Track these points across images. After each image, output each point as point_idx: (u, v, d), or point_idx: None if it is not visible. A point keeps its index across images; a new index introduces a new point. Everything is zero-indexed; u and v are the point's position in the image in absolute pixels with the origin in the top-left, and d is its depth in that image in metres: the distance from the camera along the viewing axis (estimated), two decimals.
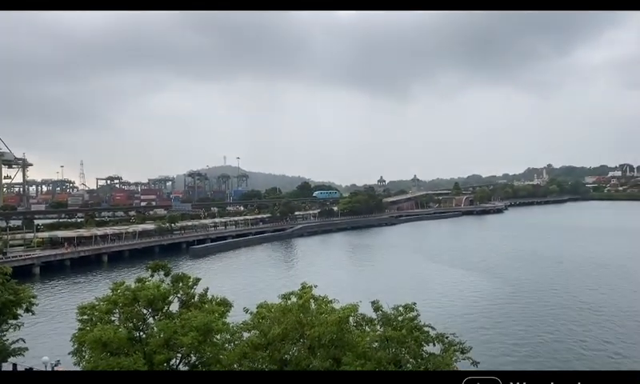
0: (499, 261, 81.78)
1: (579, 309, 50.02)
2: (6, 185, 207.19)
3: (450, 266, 77.97)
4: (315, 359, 19.37)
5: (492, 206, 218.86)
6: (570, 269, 72.28)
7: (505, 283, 63.24)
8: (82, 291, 66.33)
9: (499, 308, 50.97)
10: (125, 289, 21.53)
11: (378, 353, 17.79)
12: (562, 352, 36.61)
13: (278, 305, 22.54)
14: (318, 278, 28.08)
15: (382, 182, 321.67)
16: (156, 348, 18.56)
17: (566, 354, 35.99)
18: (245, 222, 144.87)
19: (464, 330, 33.41)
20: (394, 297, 23.01)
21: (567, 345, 38.77)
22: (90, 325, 21.02)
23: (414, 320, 19.48)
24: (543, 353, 36.46)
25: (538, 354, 36.19)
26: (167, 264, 23.96)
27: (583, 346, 38.19)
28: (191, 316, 19.17)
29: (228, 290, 52.98)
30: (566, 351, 36.83)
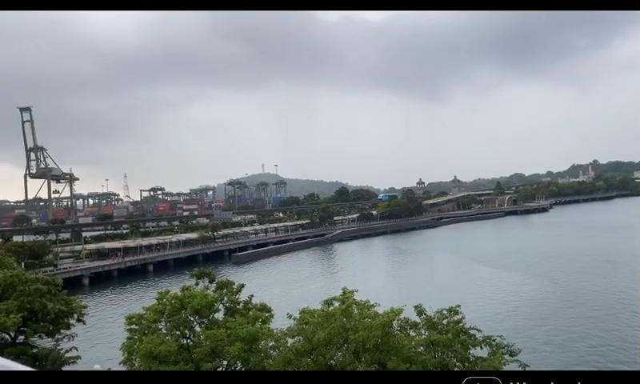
0: (542, 261, 79.36)
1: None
2: (55, 199, 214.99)
3: (494, 268, 76.17)
4: (360, 364, 19.25)
5: (536, 205, 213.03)
6: (619, 268, 69.36)
7: (551, 285, 61.32)
8: (130, 300, 68.05)
9: (544, 310, 49.36)
10: (171, 297, 21.94)
11: (423, 357, 17.54)
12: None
13: (321, 310, 22.53)
14: (359, 283, 28.04)
15: (421, 184, 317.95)
16: (203, 356, 18.83)
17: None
18: (285, 228, 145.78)
19: (510, 334, 32.64)
20: (436, 300, 22.70)
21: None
22: (139, 334, 21.51)
23: (460, 323, 19.14)
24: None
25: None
26: (212, 271, 24.27)
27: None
28: (237, 325, 19.32)
29: (271, 295, 53.44)
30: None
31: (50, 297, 30.36)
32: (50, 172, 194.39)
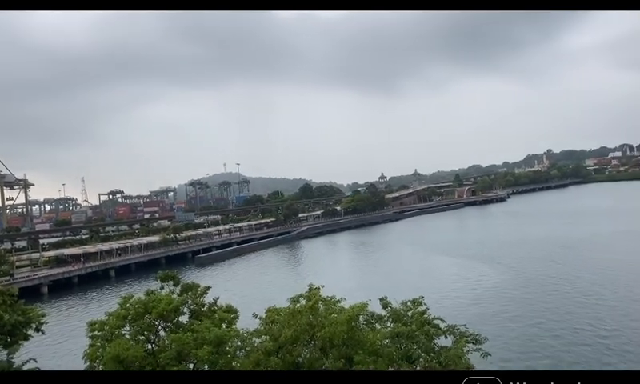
0: (501, 249, 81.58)
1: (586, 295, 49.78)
2: (9, 206, 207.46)
3: (455, 258, 77.86)
4: (327, 360, 19.42)
5: (494, 196, 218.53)
6: (575, 253, 72.01)
7: (510, 272, 63.12)
8: (92, 307, 66.49)
9: (504, 297, 50.82)
10: (135, 302, 21.55)
11: (389, 350, 17.82)
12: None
13: (287, 308, 22.58)
14: (325, 279, 28.12)
15: (383, 179, 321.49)
16: (169, 360, 18.59)
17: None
18: (249, 227, 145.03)
19: (474, 322, 33.52)
20: (401, 292, 23.05)
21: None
22: (101, 340, 21.05)
23: (424, 314, 19.51)
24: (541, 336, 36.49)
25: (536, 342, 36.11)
26: (176, 274, 23.95)
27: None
28: (203, 328, 19.16)
29: (236, 296, 53.09)
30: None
31: (5, 307, 29.33)
32: (2, 178, 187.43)
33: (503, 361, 29.63)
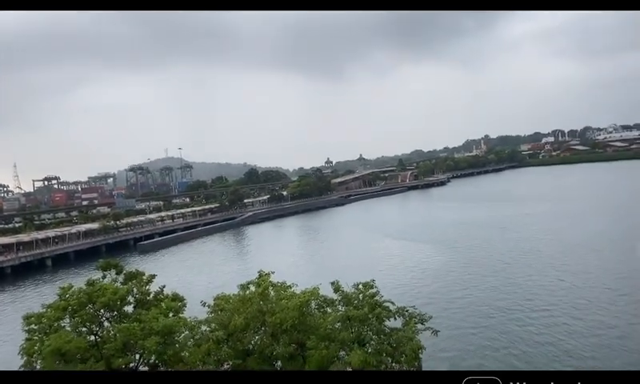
0: (443, 231, 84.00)
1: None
2: None
3: (401, 240, 79.50)
4: (278, 345, 19.33)
5: (435, 180, 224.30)
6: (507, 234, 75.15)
7: (452, 252, 65.10)
8: (27, 298, 63.37)
9: (448, 275, 52.44)
10: (76, 292, 20.57)
11: (341, 333, 17.90)
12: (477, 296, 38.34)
13: (237, 295, 22.27)
14: (274, 264, 27.92)
15: (329, 164, 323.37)
16: (114, 352, 17.90)
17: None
18: (193, 213, 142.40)
19: (422, 302, 34.36)
20: (350, 275, 23.18)
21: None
22: (39, 334, 20.01)
23: (374, 297, 19.73)
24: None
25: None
26: (119, 262, 23.05)
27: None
28: (151, 317, 18.53)
29: (183, 283, 52.03)
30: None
31: None
32: None
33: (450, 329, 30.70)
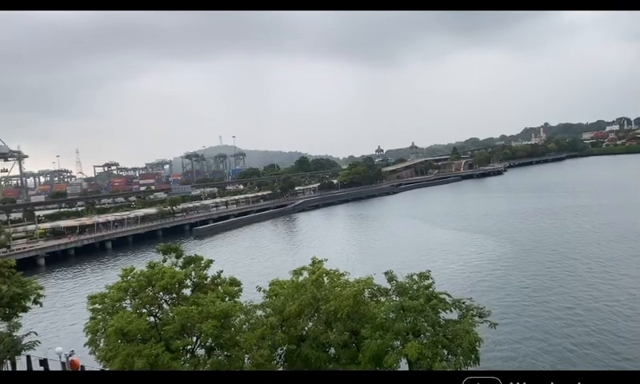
0: (500, 222, 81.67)
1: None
2: (3, 178, 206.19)
3: (455, 231, 77.87)
4: (332, 333, 19.26)
5: (491, 169, 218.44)
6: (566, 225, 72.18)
7: (509, 243, 63.21)
8: (90, 279, 66.37)
9: (504, 268, 50.98)
10: (137, 274, 21.18)
11: (396, 323, 17.59)
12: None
13: (291, 281, 22.35)
14: (326, 252, 27.97)
15: (380, 152, 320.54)
16: (172, 333, 18.34)
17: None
18: (245, 200, 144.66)
19: (477, 295, 33.47)
20: (404, 266, 22.82)
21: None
22: (103, 313, 20.74)
23: (430, 288, 19.27)
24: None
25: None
26: (179, 246, 23.50)
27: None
28: (208, 301, 18.84)
29: (237, 268, 52.98)
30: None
31: (3, 279, 29.04)
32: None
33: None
